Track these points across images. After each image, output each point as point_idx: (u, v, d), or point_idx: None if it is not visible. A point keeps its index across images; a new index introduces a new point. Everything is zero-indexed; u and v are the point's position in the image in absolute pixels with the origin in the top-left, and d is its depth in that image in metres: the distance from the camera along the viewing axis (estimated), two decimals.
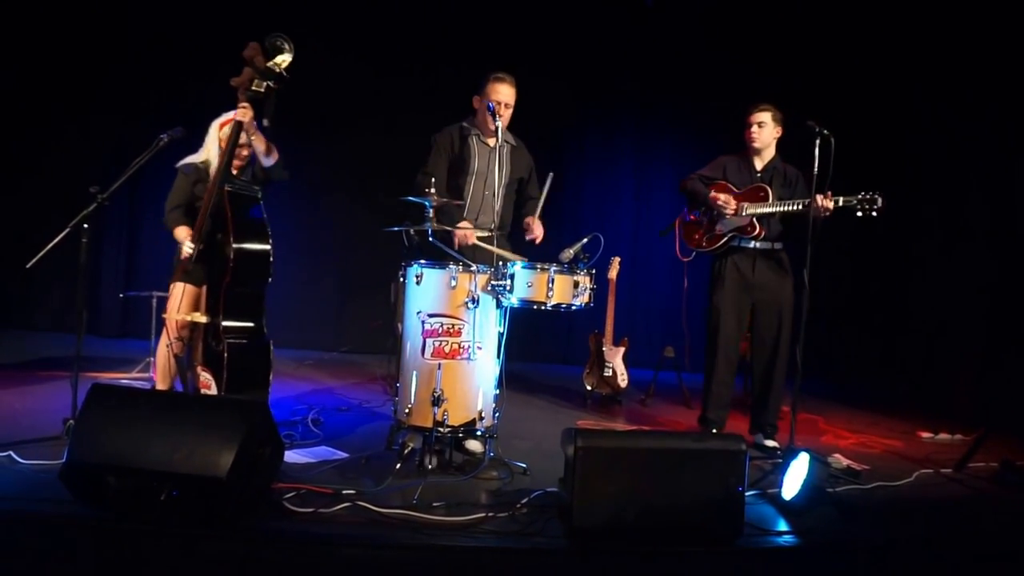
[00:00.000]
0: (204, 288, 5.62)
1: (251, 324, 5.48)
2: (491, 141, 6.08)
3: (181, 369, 5.60)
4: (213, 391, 5.34)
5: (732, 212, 6.19)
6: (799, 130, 6.03)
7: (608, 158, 10.89)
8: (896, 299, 9.75)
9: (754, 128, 6.29)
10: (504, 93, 5.89)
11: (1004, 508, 5.29)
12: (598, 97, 10.63)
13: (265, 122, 5.48)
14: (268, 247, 5.45)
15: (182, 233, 5.65)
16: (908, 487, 5.53)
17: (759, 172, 6.32)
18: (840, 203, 5.79)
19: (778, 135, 6.32)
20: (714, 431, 6.25)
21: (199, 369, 5.51)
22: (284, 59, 5.38)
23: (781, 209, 6.03)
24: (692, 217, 6.53)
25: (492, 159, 6.03)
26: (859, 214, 5.75)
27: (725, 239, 6.28)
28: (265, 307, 5.56)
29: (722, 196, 6.24)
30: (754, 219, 6.14)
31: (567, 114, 10.47)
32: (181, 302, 5.60)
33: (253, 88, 5.37)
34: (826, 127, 5.63)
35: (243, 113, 5.45)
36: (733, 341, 6.38)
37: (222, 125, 5.75)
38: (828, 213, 5.82)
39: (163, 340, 5.72)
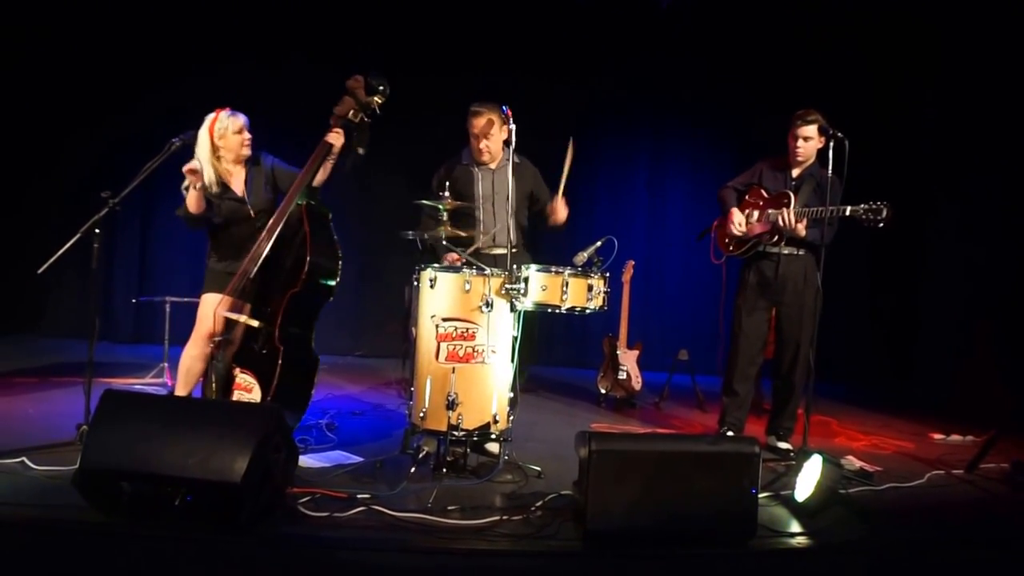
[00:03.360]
0: (247, 304, 5.62)
1: (305, 337, 5.61)
2: (492, 164, 6.21)
3: (211, 372, 5.55)
4: (255, 394, 5.36)
5: (741, 234, 6.21)
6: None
7: (623, 161, 10.87)
8: (908, 301, 9.74)
9: (800, 143, 6.12)
10: (477, 126, 6.08)
11: (1016, 509, 5.28)
12: (613, 99, 10.62)
13: (360, 151, 5.78)
14: (338, 266, 5.68)
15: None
16: (920, 488, 5.52)
17: (794, 180, 6.24)
18: (847, 212, 5.76)
19: (820, 145, 6.09)
20: (730, 433, 6.25)
21: (237, 370, 5.50)
22: (381, 98, 5.73)
23: (799, 211, 5.98)
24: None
25: (497, 179, 6.16)
26: (865, 225, 5.71)
27: (749, 244, 6.27)
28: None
29: (737, 218, 6.25)
30: (774, 226, 6.11)
31: (582, 116, 10.44)
32: (219, 305, 5.57)
33: (349, 117, 5.70)
34: (840, 130, 5.62)
35: (335, 137, 5.70)
36: (753, 344, 6.37)
37: (211, 125, 5.70)
38: (795, 228, 5.93)
39: (188, 348, 5.70)
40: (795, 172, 6.25)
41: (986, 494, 5.50)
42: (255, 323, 5.48)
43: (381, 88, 5.66)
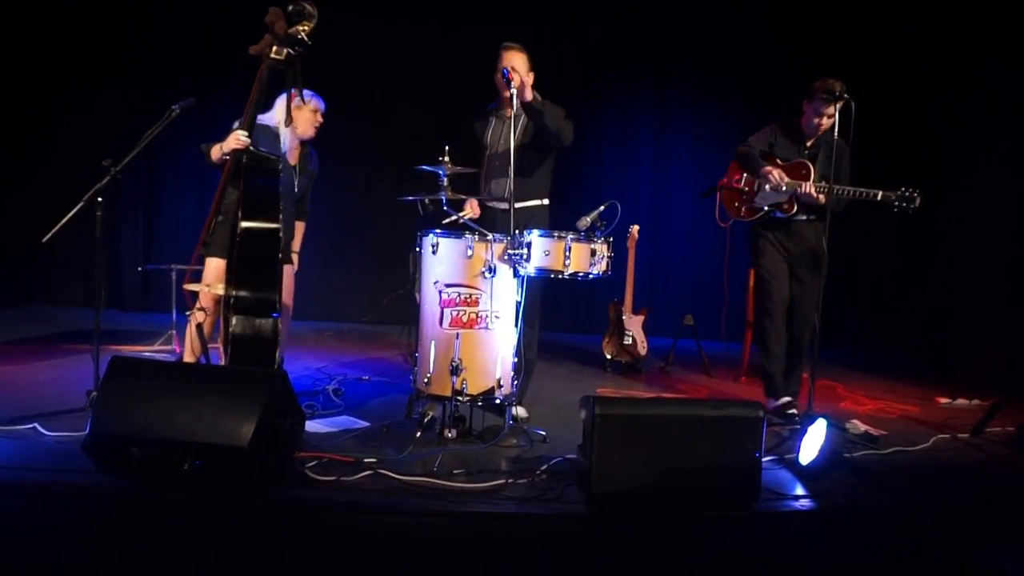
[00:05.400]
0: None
1: (260, 298, 5.13)
2: (507, 112, 5.92)
3: (203, 342, 5.41)
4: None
5: (784, 189, 6.13)
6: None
7: (627, 124, 10.77)
8: (915, 266, 9.72)
9: (824, 120, 5.99)
10: (511, 59, 5.78)
11: (1021, 472, 5.30)
12: (618, 63, 10.55)
13: (294, 91, 5.34)
14: (276, 225, 5.10)
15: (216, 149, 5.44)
16: (925, 452, 5.54)
17: (807, 148, 6.20)
18: (879, 197, 5.74)
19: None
20: (793, 411, 6.21)
21: (220, 342, 5.51)
22: (307, 25, 5.02)
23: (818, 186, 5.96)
24: (735, 184, 6.45)
25: (503, 129, 5.93)
26: (895, 210, 5.69)
27: (762, 212, 6.24)
28: (279, 283, 5.24)
29: (775, 173, 6.10)
30: (792, 196, 6.07)
31: (587, 80, 10.41)
32: (208, 275, 5.53)
33: (273, 56, 5.01)
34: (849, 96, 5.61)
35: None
36: (781, 306, 6.33)
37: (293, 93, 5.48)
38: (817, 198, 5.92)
39: (192, 318, 5.69)
40: (809, 141, 6.21)
41: (991, 458, 5.52)
42: (220, 290, 5.26)
43: (302, 13, 4.97)
